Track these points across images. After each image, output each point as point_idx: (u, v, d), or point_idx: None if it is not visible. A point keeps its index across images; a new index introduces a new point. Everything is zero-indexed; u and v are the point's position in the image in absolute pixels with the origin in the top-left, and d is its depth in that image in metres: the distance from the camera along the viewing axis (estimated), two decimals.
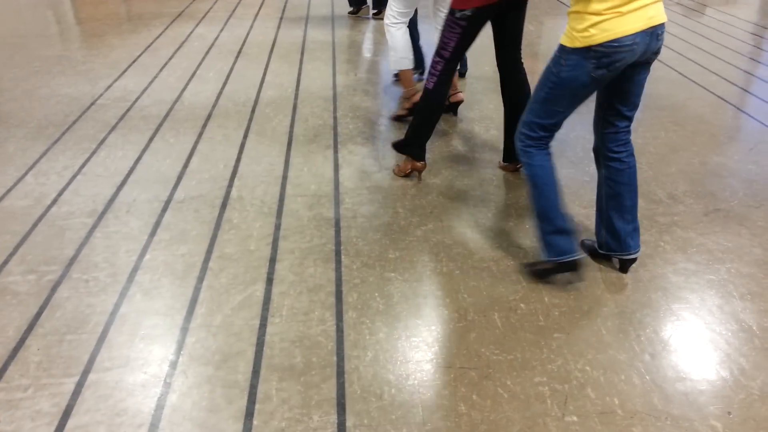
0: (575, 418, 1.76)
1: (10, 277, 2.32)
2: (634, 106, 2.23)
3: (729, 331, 2.10)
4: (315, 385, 1.85)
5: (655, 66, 4.81)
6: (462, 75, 4.58)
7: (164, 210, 2.77)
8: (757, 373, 1.93)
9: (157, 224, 2.66)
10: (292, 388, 1.84)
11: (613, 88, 2.16)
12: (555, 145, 3.46)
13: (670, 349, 2.02)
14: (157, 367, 1.90)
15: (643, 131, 3.67)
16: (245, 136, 3.53)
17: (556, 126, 2.22)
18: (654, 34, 2.00)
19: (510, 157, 3.13)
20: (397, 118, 3.73)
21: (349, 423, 1.73)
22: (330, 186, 3.00)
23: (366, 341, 2.03)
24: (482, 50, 3.75)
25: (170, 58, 4.88)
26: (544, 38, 5.63)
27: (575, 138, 3.58)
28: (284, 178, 3.07)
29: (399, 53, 3.52)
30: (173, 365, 1.91)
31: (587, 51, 1.95)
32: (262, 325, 2.08)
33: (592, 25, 1.91)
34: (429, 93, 2.86)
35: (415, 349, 2.00)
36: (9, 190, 2.94)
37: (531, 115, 2.20)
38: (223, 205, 2.82)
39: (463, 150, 3.41)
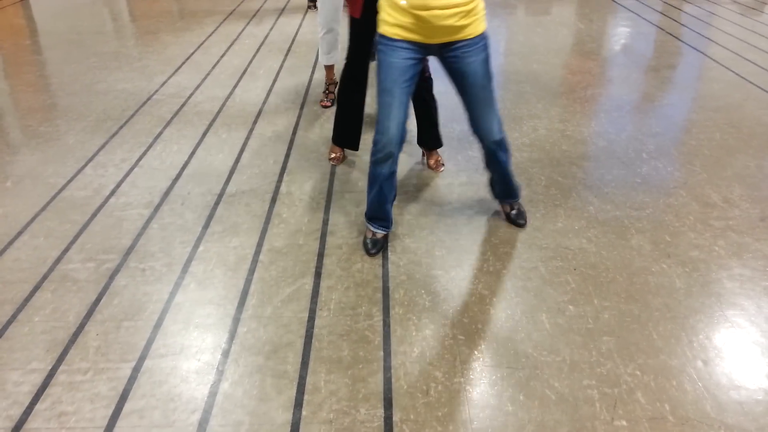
0: (624, 423, 1.74)
1: (70, 265, 2.42)
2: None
3: None
4: (362, 378, 1.88)
5: (710, 66, 4.69)
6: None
7: (217, 203, 2.84)
8: None
9: (210, 217, 2.73)
10: (340, 381, 1.87)
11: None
12: (605, 145, 3.43)
13: (723, 356, 1.98)
14: (210, 355, 1.96)
15: (698, 132, 3.58)
16: (294, 133, 3.59)
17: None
18: None
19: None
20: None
21: (395, 417, 1.75)
22: None
23: (412, 337, 2.04)
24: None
25: (222, 56, 4.99)
26: (596, 36, 5.53)
27: (627, 138, 3.51)
28: (332, 174, 3.11)
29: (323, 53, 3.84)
30: (225, 354, 1.97)
31: None
32: (311, 318, 2.12)
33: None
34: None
35: (462, 347, 2.01)
36: (69, 181, 3.06)
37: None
38: (273, 200, 2.87)
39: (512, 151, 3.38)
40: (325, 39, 3.76)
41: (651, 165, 3.21)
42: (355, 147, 3.17)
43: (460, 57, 2.21)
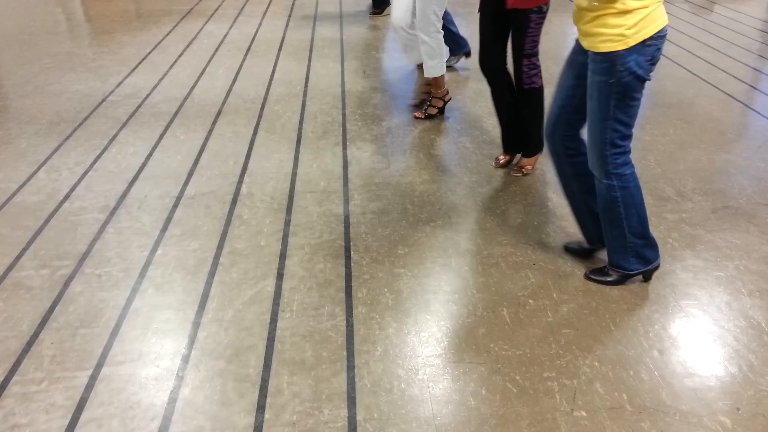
0: (584, 413, 1.77)
1: (23, 272, 2.35)
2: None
3: (738, 327, 2.11)
4: (325, 379, 1.87)
5: (663, 63, 4.81)
6: (468, 54, 4.65)
7: (175, 206, 2.79)
8: (766, 369, 1.93)
9: (169, 220, 2.68)
10: (303, 382, 1.86)
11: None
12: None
13: (678, 345, 2.03)
14: (169, 361, 1.93)
15: (651, 128, 3.67)
16: (255, 133, 3.55)
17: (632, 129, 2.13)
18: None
19: (510, 148, 3.21)
20: (428, 117, 3.75)
21: (359, 417, 1.75)
22: (339, 182, 3.01)
23: (376, 336, 2.05)
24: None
25: (180, 56, 4.91)
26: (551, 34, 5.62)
27: (582, 134, 3.57)
28: (294, 174, 3.09)
29: (440, 59, 3.56)
30: (185, 359, 1.94)
31: (641, 47, 1.89)
32: (273, 320, 2.10)
33: (644, 18, 1.86)
34: (541, 90, 3.00)
35: (425, 344, 2.02)
36: (21, 186, 2.97)
37: (610, 132, 2.04)
38: (234, 201, 2.84)
39: (471, 146, 3.42)
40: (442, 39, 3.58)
41: None
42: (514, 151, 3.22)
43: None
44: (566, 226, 2.68)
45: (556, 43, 5.29)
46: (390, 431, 1.70)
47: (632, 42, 1.88)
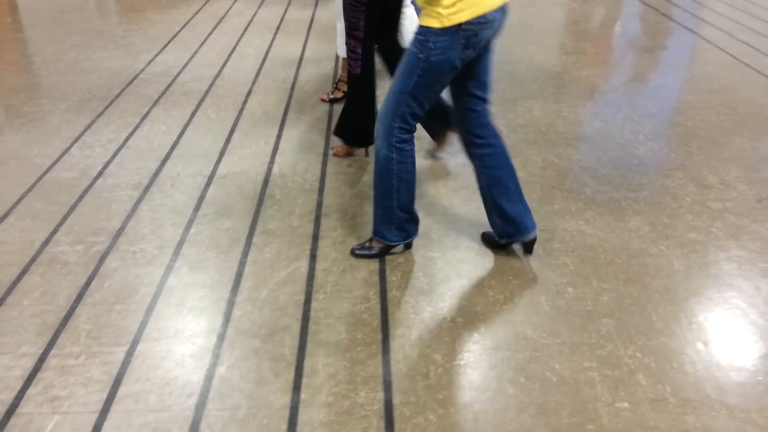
0: (626, 405, 1.73)
1: (59, 247, 2.36)
2: (489, 87, 2.13)
3: None
4: (361, 361, 1.85)
5: (704, 47, 4.67)
6: None
7: (208, 185, 2.78)
8: None
9: (201, 198, 2.67)
10: (339, 364, 1.83)
11: (465, 73, 2.04)
12: (601, 127, 3.40)
13: (722, 337, 1.97)
14: (204, 339, 1.92)
15: (693, 114, 3.56)
16: (285, 113, 3.52)
17: (424, 113, 2.11)
18: (505, 10, 1.96)
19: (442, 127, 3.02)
20: (332, 101, 3.65)
21: (396, 400, 1.72)
22: (371, 164, 2.97)
23: (410, 320, 2.02)
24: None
25: (209, 34, 4.88)
26: (589, 15, 5.48)
27: (622, 119, 3.49)
28: (325, 155, 3.06)
29: None
30: (221, 337, 1.93)
31: (457, 31, 1.85)
32: (307, 301, 2.08)
33: (462, 1, 1.83)
34: (359, 78, 2.79)
35: (461, 329, 1.98)
36: (55, 162, 2.98)
37: (403, 107, 2.01)
38: (265, 182, 2.82)
39: (506, 130, 3.34)
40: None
41: (647, 146, 3.19)
42: (360, 144, 3.03)
43: None
44: (606, 212, 2.61)
45: None
46: (427, 416, 1.68)
47: (447, 23, 1.85)
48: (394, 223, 2.22)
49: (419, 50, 1.92)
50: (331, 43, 4.69)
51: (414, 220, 2.28)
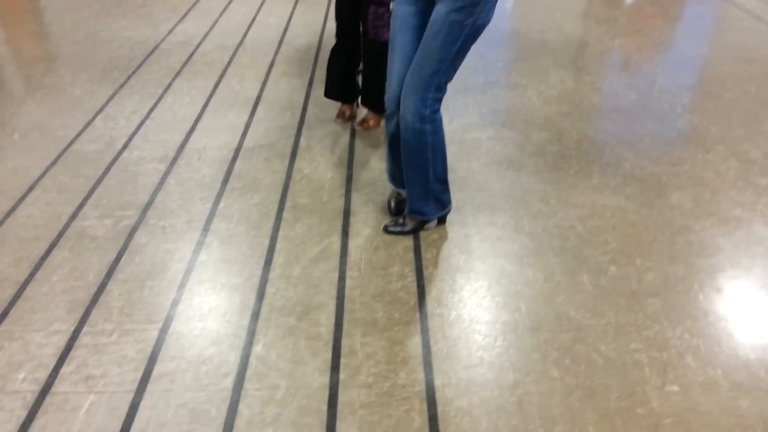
0: (676, 388, 1.67)
1: (86, 221, 2.32)
2: None
3: None
4: (399, 341, 1.80)
5: (739, 16, 4.50)
6: None
7: (234, 158, 2.72)
8: None
9: (229, 172, 2.61)
10: (377, 344, 1.78)
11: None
12: (637, 98, 3.29)
13: None
14: (239, 317, 1.88)
15: (732, 86, 3.42)
16: (310, 84, 3.43)
17: None
18: None
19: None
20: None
21: (437, 381, 1.67)
22: None
23: (448, 299, 1.96)
24: None
25: (229, 3, 4.77)
26: None
27: (659, 91, 3.36)
28: (352, 128, 2.97)
29: None
30: (255, 315, 1.88)
31: None
32: (341, 278, 2.03)
33: None
34: (385, 44, 2.68)
35: (501, 309, 1.92)
36: (79, 134, 2.92)
37: (442, 76, 1.92)
38: (293, 155, 2.75)
39: (538, 102, 3.24)
40: None
41: (686, 119, 3.08)
42: (344, 99, 2.98)
43: (439, 2, 1.87)
44: (647, 188, 2.52)
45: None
46: (471, 399, 1.63)
47: None
48: (432, 196, 2.15)
49: (465, 17, 1.83)
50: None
51: (448, 189, 2.21)
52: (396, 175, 2.24)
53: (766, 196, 2.47)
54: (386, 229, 2.25)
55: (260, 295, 1.96)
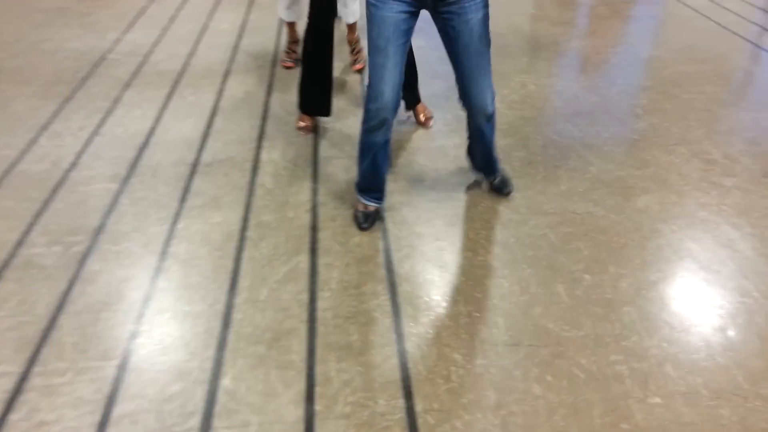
0: (659, 400, 1.64)
1: (34, 249, 2.16)
2: None
3: None
4: (376, 366, 1.72)
5: (691, 16, 4.58)
6: None
7: (192, 174, 2.59)
8: None
9: (186, 189, 2.49)
10: (353, 369, 1.71)
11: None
12: (597, 101, 3.29)
13: (750, 323, 1.89)
14: (204, 348, 1.77)
15: (689, 86, 3.47)
16: (268, 93, 3.32)
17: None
18: None
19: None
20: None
21: (418, 407, 1.60)
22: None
23: (425, 317, 1.89)
24: None
25: (179, 9, 4.60)
26: None
27: (618, 93, 3.38)
28: (316, 138, 2.88)
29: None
30: (222, 345, 1.78)
31: None
32: (312, 300, 1.94)
33: None
34: None
35: (479, 324, 1.87)
36: (23, 154, 2.75)
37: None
38: (254, 169, 2.64)
39: (501, 106, 3.21)
40: None
41: (647, 121, 3.09)
42: (326, 113, 2.89)
43: (456, 13, 1.95)
44: (614, 192, 2.51)
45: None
46: (454, 423, 1.56)
47: None
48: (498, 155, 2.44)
49: (486, 7, 1.98)
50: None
51: None
52: (373, 187, 2.21)
53: (730, 197, 2.49)
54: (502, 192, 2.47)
55: (226, 323, 1.85)
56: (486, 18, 2.01)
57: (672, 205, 2.45)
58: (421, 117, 2.98)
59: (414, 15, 2.00)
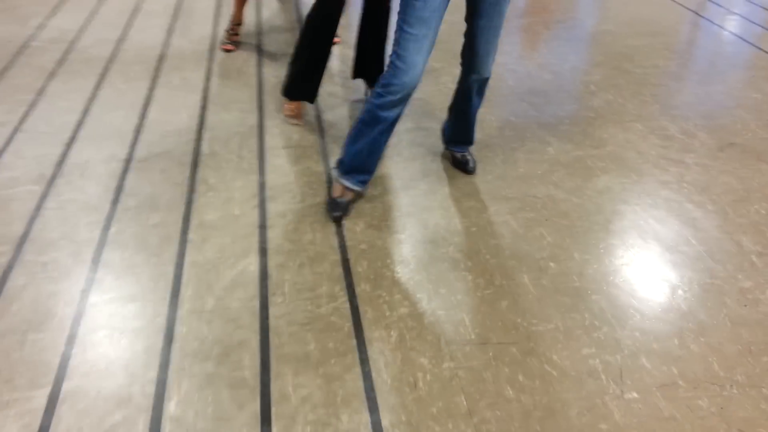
0: (635, 395, 1.57)
1: None
2: None
3: None
4: (337, 377, 1.59)
5: None
6: None
7: (125, 171, 2.38)
8: None
9: (119, 189, 2.28)
10: (312, 383, 1.57)
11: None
12: (551, 78, 3.21)
13: (720, 307, 1.84)
14: (145, 369, 1.60)
15: (640, 60, 3.42)
16: (207, 79, 3.11)
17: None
18: None
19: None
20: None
21: (384, 422, 1.48)
22: (315, 134, 2.65)
23: (387, 319, 1.77)
24: None
25: None
26: None
27: (571, 69, 3.31)
28: (261, 127, 2.70)
29: None
30: (165, 365, 1.61)
31: None
32: (264, 307, 1.79)
33: None
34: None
35: (444, 323, 1.75)
36: None
37: None
38: (195, 163, 2.44)
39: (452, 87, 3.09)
40: None
41: (601, 97, 3.03)
42: (312, 99, 2.69)
43: None
44: (574, 173, 2.43)
45: None
46: None
47: None
48: None
49: None
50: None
51: None
52: (364, 168, 2.13)
53: (690, 174, 2.45)
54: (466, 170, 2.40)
55: (169, 339, 1.68)
56: None
57: (633, 184, 2.39)
58: None
59: None
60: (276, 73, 3.16)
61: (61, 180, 2.32)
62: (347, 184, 2.14)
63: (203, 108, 2.84)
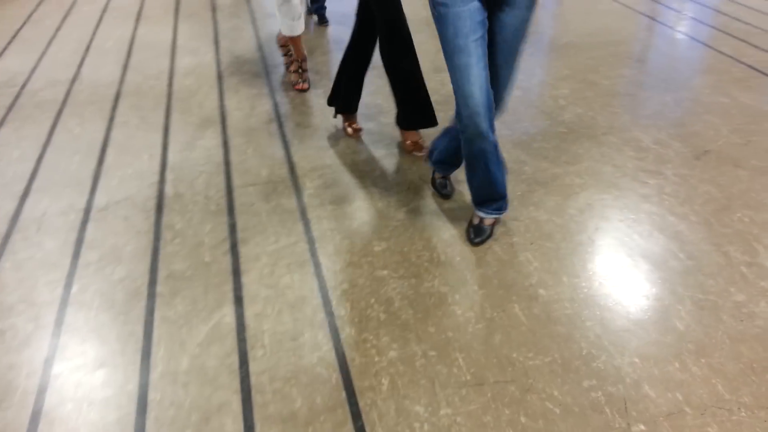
0: (643, 427, 1.50)
1: None
2: None
3: None
4: None
5: None
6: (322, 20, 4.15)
7: (85, 222, 2.24)
8: None
9: (80, 242, 2.14)
10: None
11: None
12: (520, 95, 3.17)
13: (717, 323, 1.79)
14: None
15: (606, 70, 3.42)
16: (167, 117, 2.98)
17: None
18: None
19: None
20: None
21: None
22: (284, 168, 2.55)
23: (376, 365, 1.67)
24: None
25: (58, 29, 4.13)
26: None
27: (539, 84, 3.28)
28: (227, 164, 2.59)
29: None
30: None
31: None
32: (243, 363, 1.67)
33: None
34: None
35: (437, 365, 1.66)
36: None
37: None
38: (159, 208, 2.32)
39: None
40: (282, 8, 2.97)
41: (571, 111, 3.00)
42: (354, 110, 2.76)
43: (510, 5, 1.83)
44: (553, 192, 2.38)
45: None
46: None
47: None
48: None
49: (533, 7, 1.85)
50: (206, 26, 4.12)
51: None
52: (492, 197, 2.11)
53: (669, 185, 2.42)
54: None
55: (142, 408, 1.55)
56: (529, 21, 1.89)
57: (613, 199, 2.34)
58: (409, 143, 2.68)
59: (484, 4, 1.81)
60: (237, 106, 3.05)
61: (16, 236, 2.17)
62: (482, 215, 2.14)
63: (164, 147, 2.72)
